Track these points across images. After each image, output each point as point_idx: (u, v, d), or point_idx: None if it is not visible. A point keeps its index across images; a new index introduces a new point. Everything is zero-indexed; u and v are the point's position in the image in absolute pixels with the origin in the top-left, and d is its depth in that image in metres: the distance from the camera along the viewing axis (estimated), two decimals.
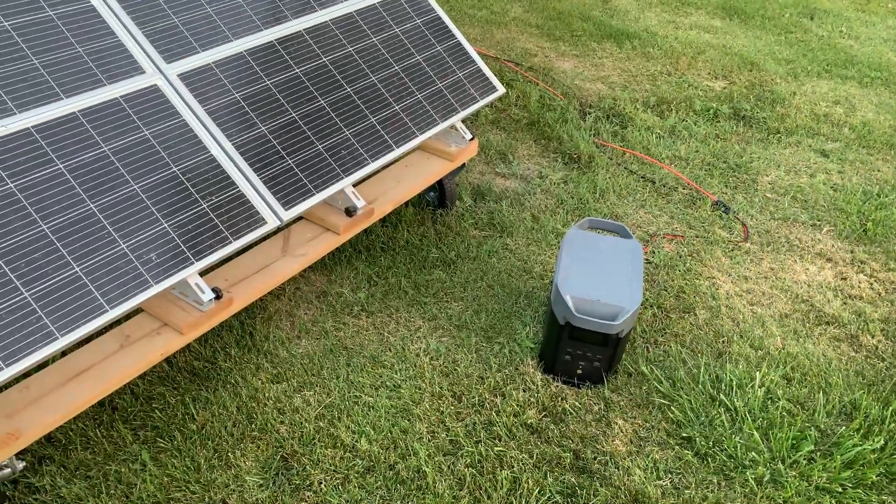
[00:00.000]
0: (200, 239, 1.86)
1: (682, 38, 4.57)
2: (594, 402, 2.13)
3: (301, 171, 2.12)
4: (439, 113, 2.53)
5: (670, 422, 2.08)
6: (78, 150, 1.80)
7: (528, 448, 1.98)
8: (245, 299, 2.04)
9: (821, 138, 3.61)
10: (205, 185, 1.93)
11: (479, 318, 2.39)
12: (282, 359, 2.18)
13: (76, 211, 1.72)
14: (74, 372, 1.80)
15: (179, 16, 2.14)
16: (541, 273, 2.61)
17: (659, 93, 3.88)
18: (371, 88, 2.41)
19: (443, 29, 2.74)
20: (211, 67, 2.12)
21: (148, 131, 1.92)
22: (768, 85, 4.08)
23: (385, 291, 2.47)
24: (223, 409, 2.00)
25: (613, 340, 2.10)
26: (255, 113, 2.13)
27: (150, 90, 1.99)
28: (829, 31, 4.92)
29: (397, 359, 2.21)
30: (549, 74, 3.97)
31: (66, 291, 1.63)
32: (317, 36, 2.39)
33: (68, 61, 1.89)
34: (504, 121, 3.53)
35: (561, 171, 3.19)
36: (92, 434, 1.92)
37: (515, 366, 2.22)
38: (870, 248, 2.87)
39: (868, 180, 3.31)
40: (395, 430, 1.98)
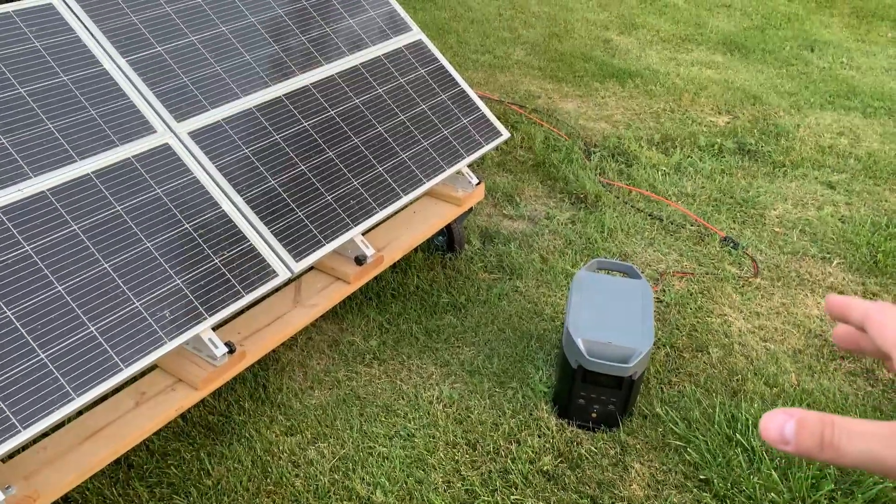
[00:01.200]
0: (213, 294, 1.88)
1: (683, 74, 4.62)
2: (610, 447, 2.11)
3: (311, 222, 2.15)
4: (445, 159, 2.56)
5: (687, 464, 2.07)
6: (92, 210, 1.83)
7: (544, 496, 1.96)
8: (258, 352, 2.05)
9: (827, 170, 3.62)
10: (216, 240, 1.96)
11: (492, 362, 2.39)
12: (295, 410, 2.18)
13: (91, 271, 1.75)
14: (91, 431, 1.81)
15: (189, 75, 2.19)
16: (552, 315, 2.61)
17: (663, 130, 3.92)
18: (378, 138, 2.45)
19: (447, 77, 2.79)
20: (221, 124, 2.17)
21: (160, 189, 1.96)
22: (772, 118, 4.11)
23: (397, 338, 2.48)
24: (238, 464, 2.00)
25: (627, 382, 2.09)
26: (264, 167, 2.16)
27: (162, 149, 2.03)
28: (829, 62, 4.96)
29: (410, 407, 2.21)
30: (554, 115, 4.01)
31: (82, 351, 1.65)
32: (324, 90, 2.44)
33: (82, 124, 1.94)
34: (510, 163, 3.56)
35: (568, 211, 3.21)
36: (108, 493, 1.92)
37: (529, 411, 2.21)
38: (881, 280, 2.86)
39: (876, 211, 3.31)
40: (410, 481, 1.97)
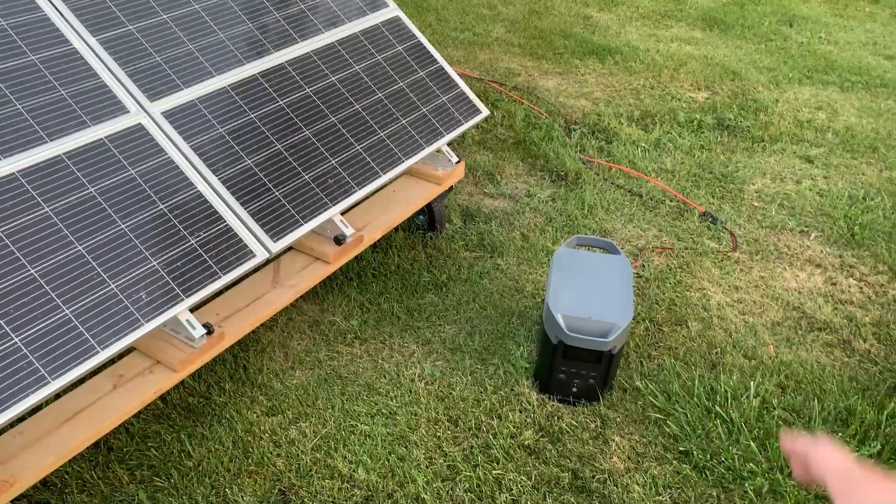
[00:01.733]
0: (190, 275, 1.86)
1: (663, 50, 4.62)
2: (590, 420, 2.13)
3: (288, 202, 2.13)
4: (424, 137, 2.55)
5: (667, 436, 2.09)
6: (64, 192, 1.80)
7: (526, 470, 1.98)
8: (237, 333, 2.04)
9: (805, 144, 3.64)
10: (192, 221, 1.94)
11: (473, 340, 2.40)
12: (276, 391, 2.18)
13: (64, 253, 1.72)
14: (68, 414, 1.79)
15: (161, 54, 2.16)
16: (532, 292, 2.61)
17: (643, 106, 3.92)
18: (355, 116, 2.43)
19: (424, 54, 2.77)
20: (195, 104, 2.14)
21: (134, 170, 1.93)
22: (751, 94, 4.12)
23: (378, 318, 2.47)
24: (219, 445, 2.00)
25: (607, 357, 2.10)
26: (240, 147, 2.14)
27: (135, 129, 2.00)
28: (808, 37, 4.97)
29: (392, 385, 2.21)
30: (534, 93, 4.00)
31: (57, 335, 1.63)
32: (299, 67, 2.41)
33: (52, 104, 1.91)
34: (490, 141, 3.55)
35: (549, 188, 3.21)
36: (88, 476, 1.91)
37: (511, 387, 2.22)
38: (858, 252, 2.89)
39: (853, 184, 3.33)
40: (392, 458, 1.98)
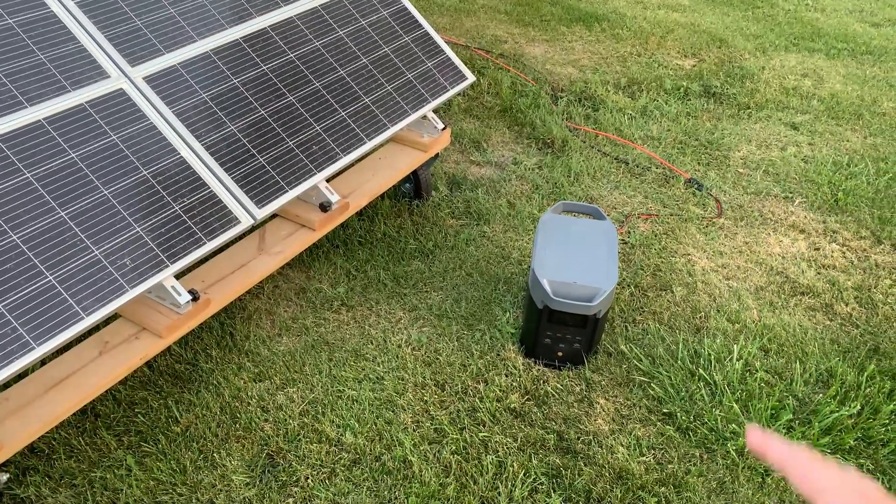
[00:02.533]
0: (174, 241, 1.85)
1: (650, 18, 4.59)
2: (576, 384, 2.15)
3: (273, 168, 2.12)
4: (410, 104, 2.53)
5: (651, 399, 2.11)
6: (45, 158, 1.78)
7: (512, 432, 2.00)
8: (223, 300, 2.04)
9: (790, 111, 3.65)
10: (176, 187, 1.93)
11: (460, 306, 2.41)
12: (263, 357, 2.18)
13: (47, 219, 1.71)
14: (54, 381, 1.79)
15: (142, 18, 2.13)
16: (519, 259, 2.62)
17: (629, 74, 3.90)
18: (340, 82, 2.41)
19: (409, 19, 2.74)
20: (177, 69, 2.11)
21: (116, 136, 1.91)
22: (737, 61, 4.11)
23: (364, 285, 2.48)
24: (207, 411, 2.01)
25: (592, 321, 2.12)
26: (223, 112, 2.12)
27: (116, 94, 1.97)
28: (795, 4, 4.96)
29: (379, 351, 2.22)
30: (520, 60, 3.97)
31: (41, 301, 1.62)
32: (282, 32, 2.38)
33: (31, 69, 1.88)
34: (477, 109, 3.53)
35: (535, 156, 3.21)
36: (75, 442, 1.92)
37: (497, 352, 2.23)
38: (841, 218, 2.91)
39: (838, 151, 3.35)
40: (379, 422, 1.99)
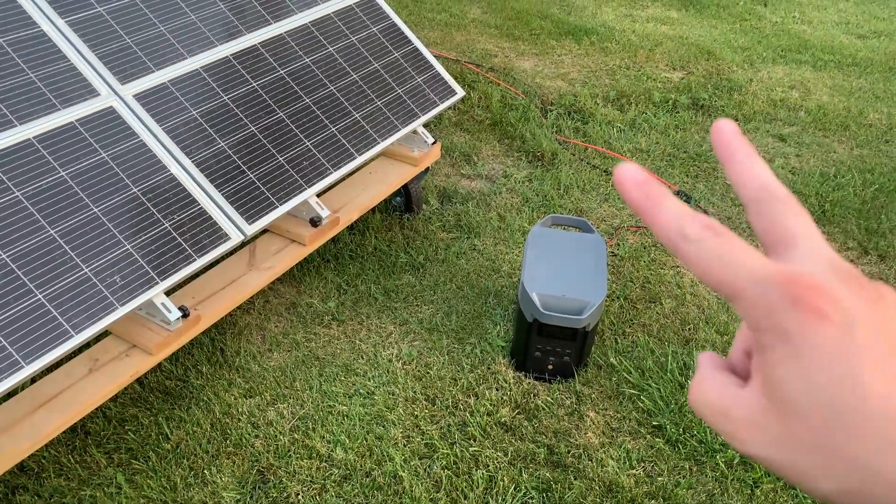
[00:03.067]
0: (164, 258, 1.86)
1: (639, 31, 4.63)
2: (566, 397, 2.16)
3: (263, 184, 2.13)
4: (400, 119, 2.55)
5: (641, 411, 2.12)
6: (35, 176, 1.79)
7: (502, 446, 2.00)
8: (213, 316, 2.04)
9: (778, 123, 3.68)
10: (166, 204, 1.94)
11: (450, 319, 2.41)
12: (254, 373, 2.18)
13: (36, 238, 1.71)
14: (44, 399, 1.79)
15: (132, 36, 2.14)
16: (509, 272, 2.63)
17: (618, 87, 3.93)
18: (330, 98, 2.42)
19: (399, 35, 2.76)
20: (167, 86, 2.12)
21: (106, 153, 1.92)
22: (725, 73, 4.15)
23: (355, 299, 2.48)
24: (197, 427, 2.01)
25: (581, 334, 2.13)
26: (213, 129, 2.13)
27: (106, 112, 1.98)
28: (782, 17, 5.01)
29: (370, 366, 2.23)
30: (510, 74, 4.00)
31: (31, 319, 1.63)
32: (273, 49, 2.40)
33: (20, 87, 1.89)
34: (467, 122, 3.55)
35: (525, 169, 3.23)
36: (65, 460, 1.91)
37: (487, 365, 2.24)
38: (829, 229, 2.93)
39: (825, 162, 3.38)
40: (370, 437, 2.00)
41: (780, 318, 0.31)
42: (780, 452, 0.32)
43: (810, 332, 0.31)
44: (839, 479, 0.31)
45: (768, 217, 0.35)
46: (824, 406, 0.30)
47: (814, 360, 0.31)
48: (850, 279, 0.32)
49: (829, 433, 0.31)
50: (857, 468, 0.30)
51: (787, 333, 0.31)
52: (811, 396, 0.31)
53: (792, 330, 0.31)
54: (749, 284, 0.32)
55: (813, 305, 0.31)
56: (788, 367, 0.31)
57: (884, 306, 0.32)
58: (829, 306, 0.31)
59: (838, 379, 0.30)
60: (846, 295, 0.31)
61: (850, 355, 0.30)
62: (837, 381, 0.30)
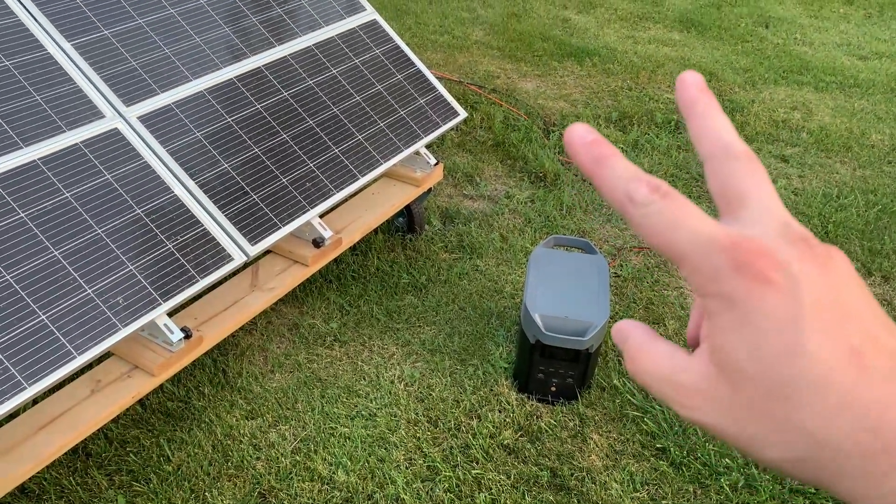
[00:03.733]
0: (167, 279, 1.86)
1: (641, 52, 4.66)
2: (569, 419, 2.15)
3: (266, 205, 2.13)
4: (402, 140, 2.56)
5: (645, 434, 2.11)
6: (39, 197, 1.80)
7: (505, 469, 1.99)
8: (216, 337, 2.04)
9: (780, 144, 3.69)
10: (169, 225, 1.94)
11: (452, 341, 2.41)
12: (256, 394, 2.18)
13: (40, 259, 1.72)
14: (45, 420, 1.79)
15: (137, 59, 2.16)
16: (511, 293, 2.63)
17: (620, 108, 3.95)
18: (333, 120, 2.44)
19: (402, 58, 2.78)
20: (171, 108, 2.14)
21: (110, 175, 1.93)
22: (727, 94, 4.16)
23: (357, 320, 2.48)
24: (198, 449, 2.00)
25: (584, 356, 2.12)
26: (217, 150, 2.14)
27: (111, 134, 2.00)
28: (783, 38, 5.04)
29: (372, 387, 2.22)
30: (513, 95, 4.02)
31: (33, 340, 1.63)
32: (276, 71, 2.41)
33: (26, 110, 1.90)
34: (470, 143, 3.57)
35: (527, 190, 3.24)
36: (66, 482, 1.91)
37: (490, 387, 2.23)
38: None
39: (827, 183, 3.38)
40: (371, 460, 1.99)
41: (724, 283, 0.30)
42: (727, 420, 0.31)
43: (755, 297, 0.30)
44: (786, 447, 0.30)
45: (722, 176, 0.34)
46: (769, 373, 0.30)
47: (759, 327, 0.30)
48: (800, 241, 0.31)
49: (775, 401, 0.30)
50: (802, 436, 0.30)
51: (732, 299, 0.30)
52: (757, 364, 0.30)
53: (737, 296, 0.30)
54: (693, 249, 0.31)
55: (757, 270, 0.30)
56: (734, 334, 0.30)
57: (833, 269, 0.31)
58: (774, 271, 0.30)
59: (783, 346, 0.29)
60: (793, 259, 0.30)
61: (795, 321, 0.29)
62: (782, 349, 0.29)
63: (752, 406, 0.31)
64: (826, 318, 0.30)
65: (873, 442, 0.29)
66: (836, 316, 0.30)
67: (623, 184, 0.33)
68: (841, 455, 0.29)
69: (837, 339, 0.29)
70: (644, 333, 0.36)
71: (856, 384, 0.29)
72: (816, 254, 0.31)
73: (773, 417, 0.30)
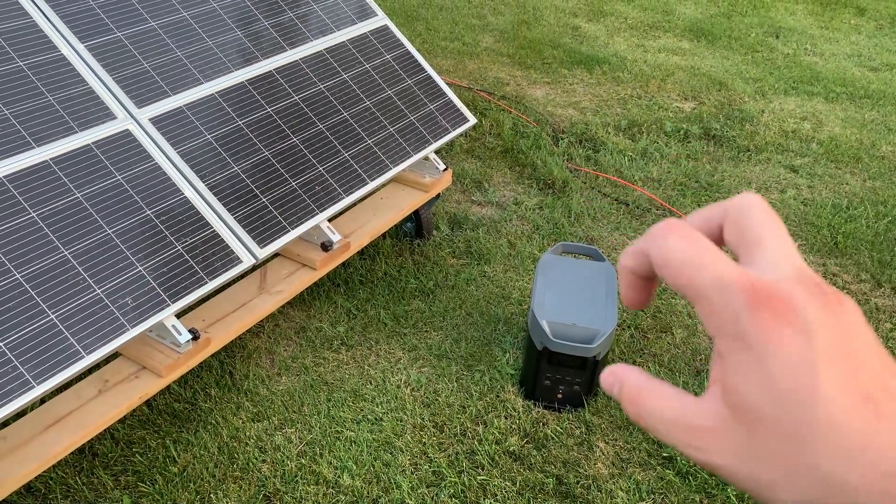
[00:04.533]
0: (176, 281, 1.87)
1: (650, 61, 4.66)
2: (575, 426, 2.14)
3: (275, 208, 2.14)
4: (412, 145, 2.57)
5: (651, 442, 2.10)
6: (51, 197, 1.81)
7: (510, 475, 1.99)
8: (223, 339, 2.05)
9: (790, 154, 3.68)
10: (179, 226, 1.95)
11: (459, 346, 2.41)
12: (262, 397, 2.18)
13: (50, 258, 1.73)
14: (53, 419, 1.79)
15: (150, 61, 2.17)
16: (519, 299, 2.63)
17: (630, 116, 3.95)
18: (343, 124, 2.45)
19: (413, 63, 2.79)
20: (183, 110, 2.15)
21: (121, 176, 1.94)
22: (737, 104, 4.16)
23: (364, 324, 2.48)
24: (204, 451, 2.00)
25: (591, 363, 2.12)
26: (227, 153, 2.15)
27: (123, 135, 2.01)
28: (794, 48, 5.03)
29: (378, 391, 2.22)
30: (522, 102, 4.03)
31: (42, 339, 1.63)
32: (288, 75, 2.42)
33: (39, 110, 1.91)
34: (479, 149, 3.57)
35: (536, 196, 3.24)
36: (72, 482, 1.91)
37: (496, 393, 2.23)
38: (841, 261, 2.92)
39: (837, 194, 3.37)
40: (377, 464, 1.99)
41: (740, 324, 0.31)
42: (740, 462, 0.31)
43: (770, 339, 0.30)
44: (800, 491, 0.30)
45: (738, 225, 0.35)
46: (784, 415, 0.30)
47: (773, 368, 0.30)
48: (813, 287, 0.31)
49: (790, 443, 0.30)
50: (816, 479, 0.29)
51: (747, 340, 0.30)
52: (771, 405, 0.30)
53: (752, 337, 0.30)
54: (712, 288, 0.32)
55: (773, 313, 0.30)
56: (748, 375, 0.30)
57: (846, 317, 0.31)
58: (789, 314, 0.30)
59: (797, 387, 0.29)
60: (807, 303, 0.31)
61: (809, 364, 0.30)
62: (796, 390, 0.29)
63: (766, 448, 0.30)
64: (839, 363, 0.30)
65: (891, 486, 0.29)
66: (849, 362, 0.30)
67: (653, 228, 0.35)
68: (856, 499, 0.29)
69: (851, 385, 0.29)
70: (641, 375, 0.36)
71: (872, 428, 0.29)
72: (830, 301, 0.31)
73: (788, 460, 0.30)
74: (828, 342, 0.30)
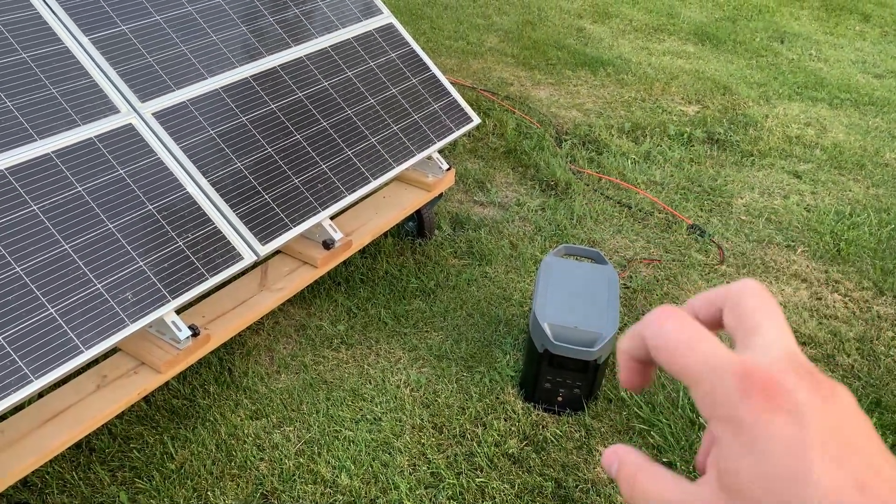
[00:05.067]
0: (176, 276, 1.86)
1: (655, 64, 4.65)
2: (575, 430, 2.13)
3: (278, 205, 2.13)
4: (415, 144, 2.56)
5: (651, 447, 2.09)
6: (52, 190, 1.80)
7: (509, 478, 1.98)
8: (223, 335, 2.04)
9: (793, 160, 3.67)
10: (180, 222, 1.94)
11: (460, 347, 2.40)
12: (261, 394, 2.17)
13: (50, 252, 1.72)
14: (50, 414, 1.78)
15: (154, 55, 2.16)
16: (520, 300, 2.62)
17: (633, 119, 3.94)
18: (347, 122, 2.44)
19: (417, 62, 2.78)
20: (186, 105, 2.14)
21: (123, 170, 1.93)
22: (741, 108, 4.15)
23: (365, 323, 2.47)
24: (202, 448, 1.99)
25: (592, 367, 2.11)
26: (230, 149, 2.14)
27: (125, 129, 2.00)
28: (798, 54, 5.02)
29: (377, 391, 2.21)
30: (526, 103, 4.02)
31: (41, 333, 1.62)
32: (292, 71, 2.41)
33: (42, 102, 1.90)
34: (482, 149, 3.56)
35: (538, 198, 3.23)
36: (69, 476, 1.90)
37: (496, 395, 2.22)
38: (843, 268, 2.91)
39: (840, 200, 3.36)
40: (375, 465, 1.98)
41: (734, 407, 0.31)
42: None
43: (763, 422, 0.31)
44: None
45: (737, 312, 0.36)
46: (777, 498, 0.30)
47: (766, 452, 0.31)
48: (806, 374, 0.32)
49: None
50: None
51: (741, 424, 0.31)
52: (764, 488, 0.30)
53: (745, 421, 0.31)
54: (706, 373, 0.32)
55: (766, 396, 0.31)
56: (742, 458, 0.31)
57: (837, 403, 0.32)
58: (782, 398, 0.31)
59: (790, 471, 0.30)
60: (800, 389, 0.31)
61: (802, 448, 0.30)
62: (789, 474, 0.30)
63: None
64: (831, 447, 0.30)
65: None
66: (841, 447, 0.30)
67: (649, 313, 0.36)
68: None
69: (843, 469, 0.30)
70: (639, 456, 0.36)
71: None
72: (822, 387, 0.32)
73: None
74: (819, 427, 0.30)
